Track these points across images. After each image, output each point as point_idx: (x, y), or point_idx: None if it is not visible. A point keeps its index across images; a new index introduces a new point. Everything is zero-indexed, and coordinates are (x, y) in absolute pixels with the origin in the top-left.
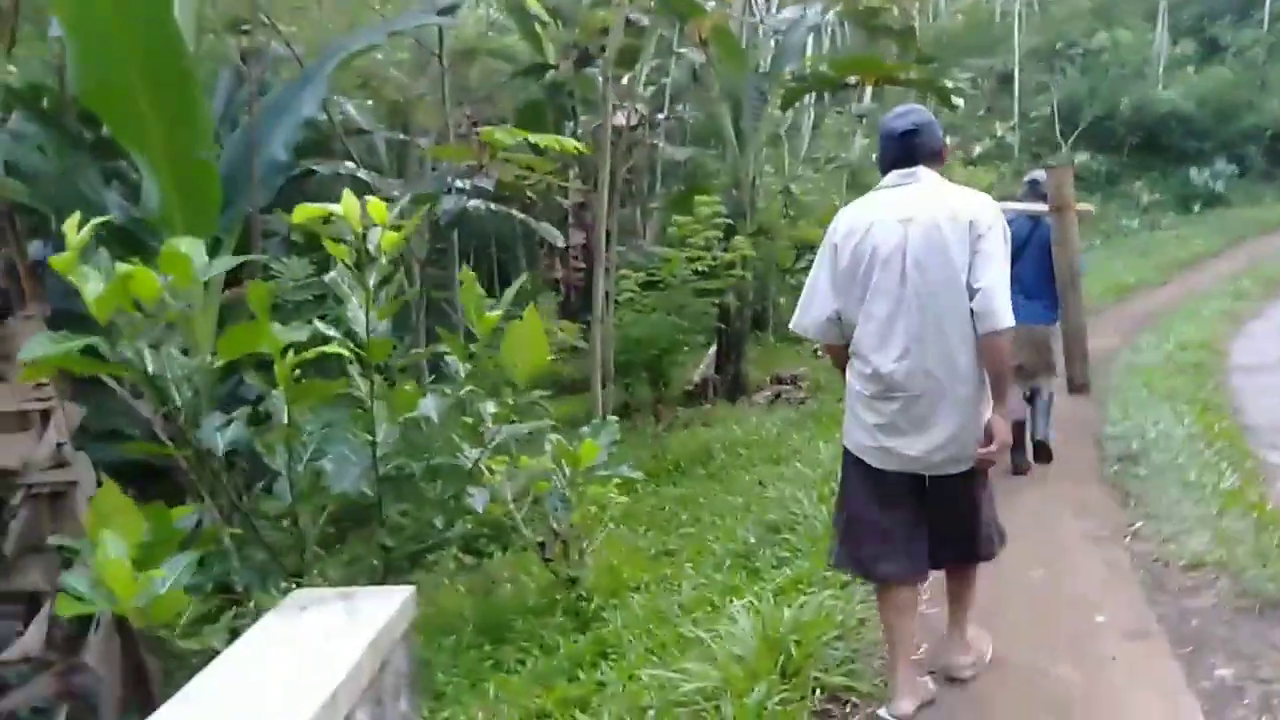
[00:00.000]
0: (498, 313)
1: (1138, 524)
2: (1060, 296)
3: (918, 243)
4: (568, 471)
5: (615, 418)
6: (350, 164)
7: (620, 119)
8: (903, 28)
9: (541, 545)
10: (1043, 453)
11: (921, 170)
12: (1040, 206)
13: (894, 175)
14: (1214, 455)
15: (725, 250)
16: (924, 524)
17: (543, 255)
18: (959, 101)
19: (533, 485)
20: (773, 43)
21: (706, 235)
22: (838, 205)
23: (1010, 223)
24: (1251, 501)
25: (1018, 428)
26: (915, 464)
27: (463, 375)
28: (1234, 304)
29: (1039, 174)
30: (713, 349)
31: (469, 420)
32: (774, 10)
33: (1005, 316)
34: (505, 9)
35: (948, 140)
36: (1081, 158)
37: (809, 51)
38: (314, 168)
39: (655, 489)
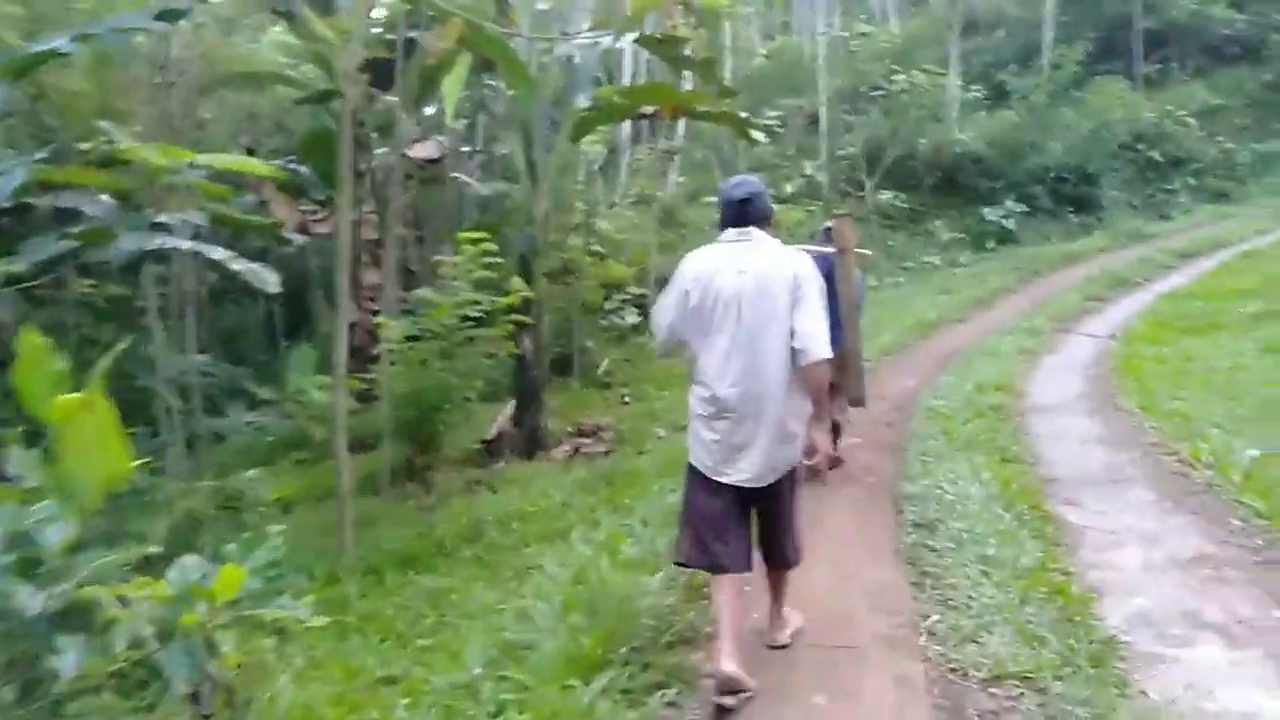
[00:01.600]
0: (76, 395)
1: (934, 617)
2: (842, 324)
3: (751, 290)
4: (204, 608)
5: (276, 535)
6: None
7: (421, 151)
8: (703, 59)
9: (194, 697)
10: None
11: (754, 230)
12: (832, 249)
13: (733, 233)
14: (1014, 520)
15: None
16: (747, 527)
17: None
18: (759, 136)
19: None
20: (576, 62)
21: (479, 276)
22: (653, 243)
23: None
24: (1055, 582)
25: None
26: (740, 475)
27: (35, 482)
28: (1029, 340)
29: (832, 223)
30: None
31: (29, 553)
32: (571, 34)
33: (821, 350)
34: (291, 31)
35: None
36: (885, 196)
37: (624, 81)
38: (30, 202)
39: (412, 577)
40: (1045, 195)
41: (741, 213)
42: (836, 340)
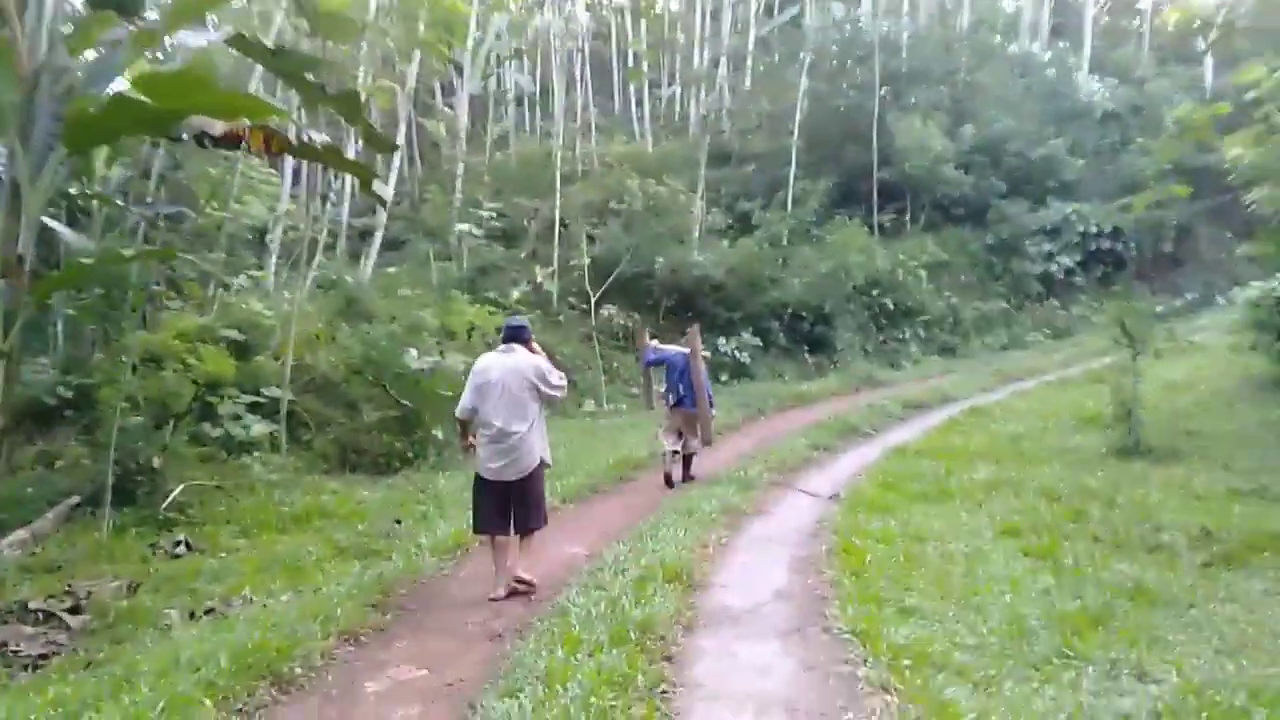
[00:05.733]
0: None
1: None
2: (695, 399)
3: (510, 376)
4: None
5: None
6: None
7: None
8: (343, 92)
9: None
10: (689, 464)
11: (516, 346)
12: (687, 349)
13: (504, 346)
14: None
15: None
16: (509, 506)
17: None
18: (385, 192)
19: None
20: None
21: None
22: (310, 334)
23: (674, 357)
24: None
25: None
26: (504, 475)
27: None
28: (738, 496)
29: (688, 333)
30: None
31: None
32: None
33: (561, 384)
34: None
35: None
36: (610, 310)
37: None
38: None
39: None
40: (781, 331)
41: (511, 335)
42: (692, 403)
